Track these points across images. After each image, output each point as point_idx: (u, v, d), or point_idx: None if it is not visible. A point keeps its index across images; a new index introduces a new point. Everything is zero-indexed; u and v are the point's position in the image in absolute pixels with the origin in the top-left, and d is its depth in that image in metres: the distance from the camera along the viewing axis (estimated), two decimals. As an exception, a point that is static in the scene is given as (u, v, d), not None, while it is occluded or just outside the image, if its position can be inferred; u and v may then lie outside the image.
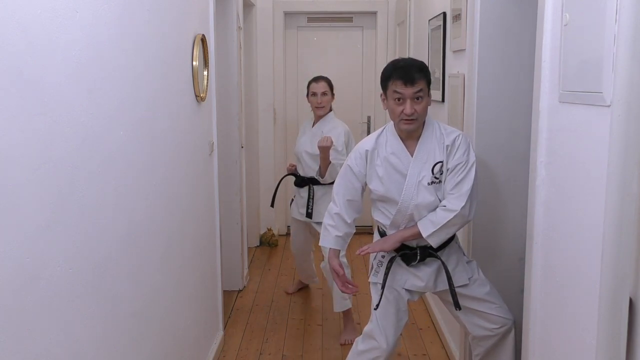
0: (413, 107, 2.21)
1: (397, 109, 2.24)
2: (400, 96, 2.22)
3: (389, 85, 2.26)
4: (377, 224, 2.49)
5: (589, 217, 1.44)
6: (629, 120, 1.22)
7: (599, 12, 1.34)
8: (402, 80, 2.20)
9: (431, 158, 2.28)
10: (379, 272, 2.43)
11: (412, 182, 2.27)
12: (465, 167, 2.25)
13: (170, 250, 2.30)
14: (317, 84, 3.60)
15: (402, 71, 2.22)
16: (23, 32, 1.22)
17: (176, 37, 2.41)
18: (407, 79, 2.20)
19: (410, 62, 2.29)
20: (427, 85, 2.25)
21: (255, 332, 3.58)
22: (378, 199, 2.39)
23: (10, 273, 1.18)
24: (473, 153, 2.29)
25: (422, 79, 2.22)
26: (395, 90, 2.23)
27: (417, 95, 2.21)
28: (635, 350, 1.26)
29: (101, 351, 1.63)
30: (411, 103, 2.21)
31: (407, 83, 2.20)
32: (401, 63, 2.29)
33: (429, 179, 2.27)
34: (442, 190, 2.29)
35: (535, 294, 1.84)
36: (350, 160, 2.40)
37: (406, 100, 2.21)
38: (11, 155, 1.18)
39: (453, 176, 2.25)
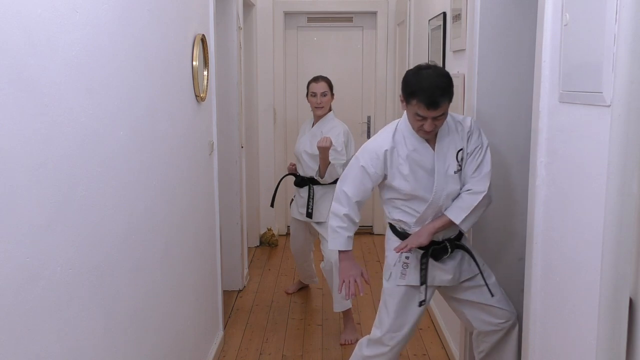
0: (433, 124, 2.18)
1: (417, 123, 2.20)
2: (421, 117, 2.17)
3: (412, 102, 2.17)
4: (395, 224, 2.43)
5: (589, 217, 1.44)
6: (629, 120, 1.22)
7: (599, 12, 1.34)
8: (425, 105, 2.12)
9: (452, 147, 2.29)
10: (406, 274, 2.37)
11: (441, 174, 2.27)
12: (482, 150, 2.29)
13: (170, 250, 2.30)
14: (317, 84, 3.60)
15: (427, 95, 2.11)
16: (23, 32, 1.22)
17: (176, 37, 2.41)
18: (431, 104, 2.12)
19: (436, 83, 2.15)
20: (448, 104, 2.18)
21: (255, 332, 3.58)
22: (401, 198, 2.34)
23: (10, 273, 1.18)
24: (484, 136, 2.33)
25: (445, 101, 2.14)
26: (417, 113, 2.16)
27: (439, 117, 2.17)
28: (635, 350, 1.26)
29: (101, 351, 1.63)
30: (431, 122, 2.17)
31: (430, 107, 2.12)
32: (426, 83, 2.14)
33: (454, 167, 2.29)
34: (463, 176, 2.32)
35: (535, 294, 1.84)
36: (364, 161, 2.31)
37: (428, 119, 2.16)
38: (11, 155, 1.18)
39: (472, 160, 2.30)
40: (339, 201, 2.39)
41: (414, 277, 2.37)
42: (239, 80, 4.15)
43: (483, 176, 2.28)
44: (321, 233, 3.58)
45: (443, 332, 3.37)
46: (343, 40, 5.72)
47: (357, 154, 2.39)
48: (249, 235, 5.05)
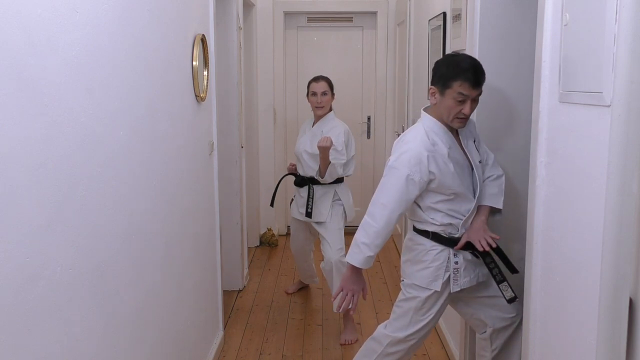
0: (471, 107, 2.22)
1: (456, 108, 2.20)
2: (464, 98, 2.19)
3: (454, 85, 2.18)
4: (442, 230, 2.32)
5: (589, 217, 1.44)
6: (629, 120, 1.22)
7: (599, 12, 1.34)
8: (470, 83, 2.17)
9: (470, 138, 2.38)
10: (458, 279, 2.32)
11: (478, 167, 2.34)
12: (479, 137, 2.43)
13: (170, 250, 2.30)
14: (317, 83, 3.60)
15: (472, 73, 2.18)
16: (23, 32, 1.22)
17: (176, 37, 2.41)
18: (476, 82, 2.18)
19: (476, 64, 2.23)
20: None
21: (255, 332, 3.58)
22: (444, 200, 2.28)
23: (10, 273, 1.18)
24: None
25: (484, 81, 2.23)
26: (461, 92, 2.18)
27: (476, 99, 2.23)
28: (635, 350, 1.26)
29: (101, 351, 1.63)
30: (471, 104, 2.21)
31: (475, 86, 2.18)
32: (466, 64, 2.20)
33: (478, 157, 2.37)
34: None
35: (535, 294, 1.84)
36: (409, 170, 2.19)
37: (468, 101, 2.20)
38: (11, 155, 1.18)
39: (483, 146, 2.44)
40: (372, 216, 2.24)
41: (465, 280, 2.33)
42: (239, 80, 4.15)
43: (494, 161, 2.44)
44: (321, 233, 3.58)
45: (443, 332, 3.37)
46: (343, 40, 5.72)
47: (393, 164, 2.24)
48: (249, 235, 5.05)
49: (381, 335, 2.48)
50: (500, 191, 2.40)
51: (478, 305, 2.44)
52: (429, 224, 2.33)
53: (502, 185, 2.41)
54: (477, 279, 2.38)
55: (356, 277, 2.32)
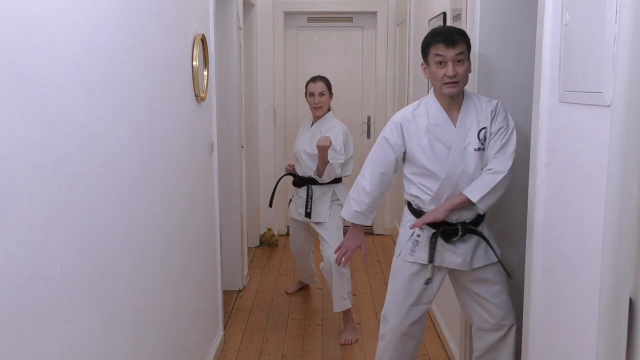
0: (455, 69, 2.25)
1: (440, 72, 2.27)
2: (442, 59, 2.26)
3: (430, 51, 2.29)
4: (411, 200, 2.46)
5: (589, 217, 1.44)
6: (629, 120, 1.22)
7: (599, 12, 1.34)
8: (443, 43, 2.25)
9: (475, 125, 2.31)
10: (415, 251, 2.41)
11: (458, 150, 2.30)
12: (507, 131, 2.30)
13: (170, 250, 2.30)
14: (315, 84, 3.59)
15: (444, 35, 2.27)
16: (23, 32, 1.22)
17: (176, 37, 2.41)
18: (449, 41, 2.25)
19: (450, 28, 2.39)
20: (467, 49, 2.30)
21: (255, 332, 3.58)
22: (417, 174, 2.38)
23: (10, 273, 1.18)
24: (511, 119, 2.32)
25: (462, 41, 2.27)
26: (437, 54, 2.26)
27: (459, 57, 2.26)
28: (635, 350, 1.26)
29: (101, 351, 1.63)
30: (453, 65, 2.25)
31: (448, 45, 2.24)
32: (441, 29, 2.38)
33: (475, 145, 2.30)
34: (485, 157, 2.32)
35: (535, 294, 1.84)
36: (386, 132, 2.41)
37: (448, 62, 2.25)
38: (11, 155, 1.18)
39: (496, 140, 2.29)
40: (361, 174, 2.48)
41: (422, 255, 2.38)
42: (239, 80, 4.15)
43: (507, 156, 2.27)
44: (320, 233, 3.58)
45: (443, 332, 3.37)
46: (343, 40, 5.72)
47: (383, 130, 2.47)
48: (249, 235, 5.05)
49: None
50: (486, 186, 2.25)
51: (469, 299, 2.46)
52: (406, 193, 2.49)
53: (493, 181, 2.25)
54: (464, 265, 2.37)
55: (353, 234, 2.56)
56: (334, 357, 3.28)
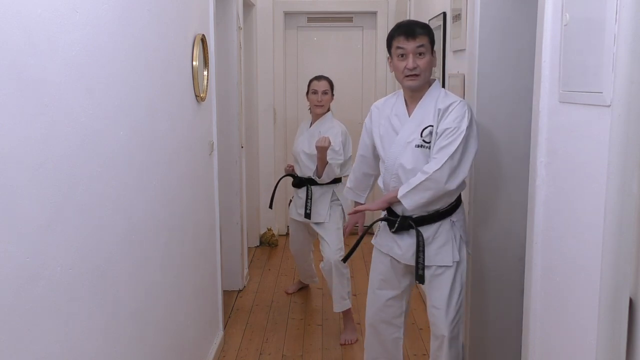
0: (415, 62, 2.28)
1: (401, 64, 2.31)
2: (403, 51, 2.30)
3: (393, 44, 2.34)
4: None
5: (589, 217, 1.44)
6: (629, 120, 1.22)
7: (599, 12, 1.34)
8: (404, 36, 2.29)
9: (424, 121, 2.31)
10: (377, 236, 2.58)
11: (401, 142, 2.35)
12: (454, 133, 2.22)
13: (170, 250, 2.30)
14: (319, 82, 3.60)
15: (405, 27, 2.32)
16: (23, 32, 1.22)
17: (176, 37, 2.41)
18: (409, 33, 2.29)
19: (413, 21, 2.43)
20: (429, 42, 2.32)
21: (255, 332, 3.58)
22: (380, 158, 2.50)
23: (10, 273, 1.18)
24: (467, 122, 2.23)
25: (423, 34, 2.30)
26: (398, 46, 2.31)
27: (419, 50, 2.29)
28: (635, 350, 1.26)
29: (101, 351, 1.63)
30: (413, 58, 2.28)
31: (408, 37, 2.28)
32: (404, 22, 2.41)
33: (417, 141, 2.31)
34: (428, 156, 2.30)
35: (535, 294, 1.84)
36: (366, 118, 2.60)
37: (409, 55, 2.29)
38: (11, 155, 1.18)
39: (440, 141, 2.24)
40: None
41: (379, 241, 2.55)
42: (239, 80, 4.15)
43: (439, 159, 2.20)
44: (320, 233, 3.58)
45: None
46: (343, 40, 5.71)
47: None
48: (249, 235, 5.05)
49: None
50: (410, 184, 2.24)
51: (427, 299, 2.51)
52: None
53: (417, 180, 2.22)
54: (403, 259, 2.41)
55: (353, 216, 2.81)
56: (334, 357, 3.28)
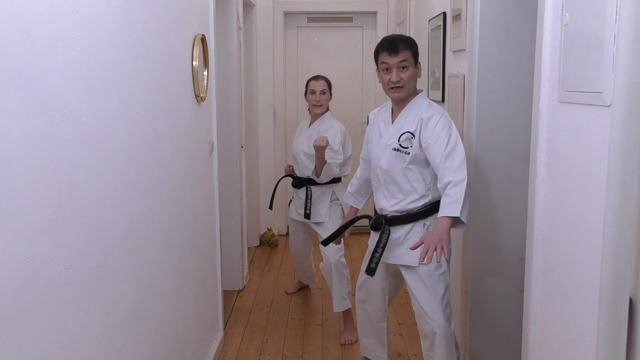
0: (399, 75, 2.45)
1: (385, 77, 2.49)
2: (387, 66, 2.46)
3: (379, 58, 2.50)
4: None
5: (589, 217, 1.44)
6: (629, 120, 1.22)
7: (599, 12, 1.34)
8: (387, 51, 2.45)
9: (404, 127, 2.47)
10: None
11: (382, 145, 2.54)
12: (450, 141, 2.33)
13: (170, 250, 2.30)
14: (317, 82, 3.60)
15: (388, 43, 2.48)
16: (23, 32, 1.22)
17: (176, 37, 2.41)
18: (392, 49, 2.44)
19: (397, 36, 2.58)
20: (412, 56, 2.48)
21: (255, 332, 3.58)
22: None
23: (10, 273, 1.18)
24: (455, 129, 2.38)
25: (406, 49, 2.46)
26: (383, 61, 2.47)
27: (402, 64, 2.45)
28: (635, 350, 1.26)
29: (101, 351, 1.63)
30: (397, 72, 2.45)
31: (391, 53, 2.44)
32: (388, 37, 2.57)
33: (394, 145, 2.49)
34: (408, 161, 2.44)
35: (535, 294, 1.84)
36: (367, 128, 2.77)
37: (392, 69, 2.45)
38: (11, 155, 1.18)
39: (437, 150, 2.34)
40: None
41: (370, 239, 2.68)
42: (239, 80, 4.15)
43: (458, 166, 2.28)
44: (320, 233, 3.58)
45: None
46: (343, 40, 5.71)
47: None
48: (249, 235, 5.05)
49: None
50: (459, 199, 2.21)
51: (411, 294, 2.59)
52: None
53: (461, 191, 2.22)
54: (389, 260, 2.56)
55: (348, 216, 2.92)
56: (334, 357, 3.28)
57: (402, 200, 2.49)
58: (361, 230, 3.26)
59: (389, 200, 2.53)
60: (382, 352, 2.89)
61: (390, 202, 2.53)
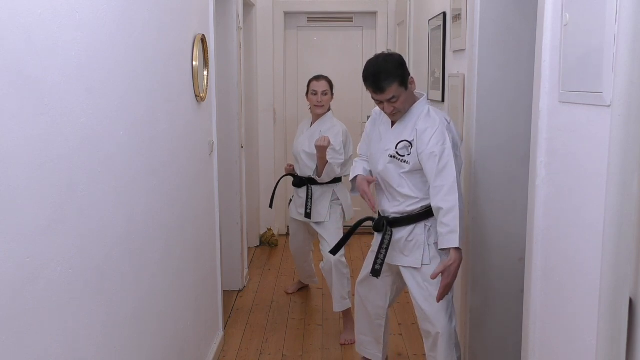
0: (391, 107, 2.42)
1: (379, 106, 2.49)
2: (376, 99, 2.43)
3: (367, 89, 2.45)
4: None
5: (589, 217, 1.44)
6: (629, 120, 1.22)
7: (599, 12, 1.34)
8: (373, 90, 2.40)
9: (401, 135, 2.47)
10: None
11: (381, 149, 2.54)
12: (442, 159, 2.33)
13: (170, 250, 2.30)
14: (318, 82, 3.60)
15: (371, 82, 2.38)
16: (23, 32, 1.22)
17: (176, 37, 2.41)
18: (377, 89, 2.37)
19: (378, 70, 2.37)
20: (400, 84, 2.37)
21: (255, 332, 3.58)
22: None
23: (10, 273, 1.18)
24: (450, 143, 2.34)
25: (391, 84, 2.34)
26: (372, 95, 2.44)
27: (391, 100, 2.39)
28: (635, 350, 1.26)
29: (101, 351, 1.63)
30: (388, 105, 2.41)
31: (377, 92, 2.38)
32: (371, 70, 2.40)
33: (391, 152, 2.48)
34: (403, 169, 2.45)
35: (535, 294, 1.84)
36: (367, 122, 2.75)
37: (383, 102, 2.42)
38: (11, 155, 1.18)
39: (431, 164, 2.35)
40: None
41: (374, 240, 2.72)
42: (239, 80, 4.14)
43: (449, 189, 2.30)
44: (320, 233, 3.58)
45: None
46: (343, 40, 5.71)
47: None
48: (249, 235, 5.05)
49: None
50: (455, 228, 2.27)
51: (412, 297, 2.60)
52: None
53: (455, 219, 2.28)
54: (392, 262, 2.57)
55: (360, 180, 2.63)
56: (334, 357, 3.28)
57: (402, 203, 2.50)
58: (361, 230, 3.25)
59: (390, 203, 2.54)
60: (377, 350, 2.90)
61: (391, 204, 2.54)
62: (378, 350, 2.90)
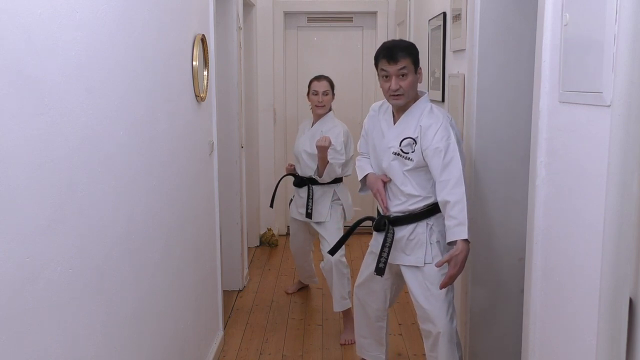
0: (398, 83, 2.43)
1: (385, 85, 2.47)
2: (386, 74, 2.45)
3: (378, 65, 2.48)
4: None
5: (589, 217, 1.44)
6: (629, 120, 1.22)
7: (599, 12, 1.34)
8: (386, 59, 2.43)
9: (405, 132, 2.46)
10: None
11: (384, 146, 2.53)
12: (447, 153, 2.34)
13: (170, 250, 2.30)
14: (319, 82, 3.60)
15: (387, 51, 2.45)
16: (23, 32, 1.22)
17: (176, 37, 2.41)
18: (391, 57, 2.41)
19: (396, 43, 2.53)
20: (412, 62, 2.44)
21: (255, 332, 3.58)
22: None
23: (10, 273, 1.18)
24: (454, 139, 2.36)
25: (405, 57, 2.42)
26: (382, 69, 2.45)
27: (401, 72, 2.42)
28: (635, 350, 1.26)
29: (101, 351, 1.63)
30: (396, 80, 2.42)
31: (390, 61, 2.42)
32: (388, 44, 2.52)
33: (395, 149, 2.47)
34: (407, 166, 2.44)
35: (535, 294, 1.84)
36: (365, 118, 2.75)
37: (391, 77, 2.43)
38: (11, 155, 1.18)
39: (437, 159, 2.36)
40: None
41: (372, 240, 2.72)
42: (239, 80, 4.14)
43: (455, 182, 2.32)
44: (320, 233, 3.58)
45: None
46: (343, 40, 5.71)
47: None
48: (249, 235, 5.05)
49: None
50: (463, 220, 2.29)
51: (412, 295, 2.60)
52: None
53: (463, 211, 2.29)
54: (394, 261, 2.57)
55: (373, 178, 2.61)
56: (334, 357, 3.28)
57: (404, 202, 2.49)
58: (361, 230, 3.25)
59: (392, 201, 2.54)
60: (380, 352, 2.89)
61: (393, 202, 2.53)
62: (380, 352, 2.89)
